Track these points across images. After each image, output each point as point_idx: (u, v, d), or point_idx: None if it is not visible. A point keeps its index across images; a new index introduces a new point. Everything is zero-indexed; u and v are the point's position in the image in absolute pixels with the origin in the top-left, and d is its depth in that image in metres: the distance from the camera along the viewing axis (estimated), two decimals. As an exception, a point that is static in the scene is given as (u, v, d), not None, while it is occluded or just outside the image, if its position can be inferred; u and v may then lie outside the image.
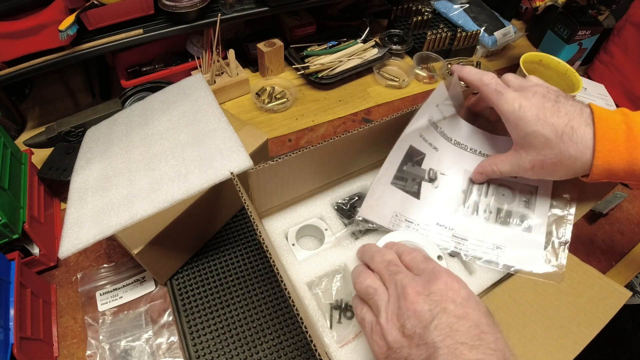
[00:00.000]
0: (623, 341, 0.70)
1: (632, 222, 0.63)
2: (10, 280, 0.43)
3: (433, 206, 0.49)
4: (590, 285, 0.45)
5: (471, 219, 0.49)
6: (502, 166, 0.46)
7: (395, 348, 0.31)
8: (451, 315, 0.30)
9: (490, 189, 0.50)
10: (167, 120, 0.53)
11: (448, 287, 0.31)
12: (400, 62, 0.85)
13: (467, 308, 0.30)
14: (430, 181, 0.50)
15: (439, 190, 0.50)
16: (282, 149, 0.70)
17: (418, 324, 0.30)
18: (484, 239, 0.48)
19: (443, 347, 0.28)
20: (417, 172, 0.50)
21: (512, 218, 0.49)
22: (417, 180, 0.49)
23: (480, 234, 0.48)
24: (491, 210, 0.50)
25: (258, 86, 0.78)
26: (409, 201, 0.49)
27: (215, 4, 0.70)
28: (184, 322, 0.49)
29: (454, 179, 0.51)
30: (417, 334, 0.30)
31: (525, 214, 0.49)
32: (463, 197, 0.50)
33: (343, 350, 0.43)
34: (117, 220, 0.42)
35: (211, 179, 0.43)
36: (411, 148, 0.48)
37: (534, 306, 0.44)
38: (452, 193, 0.50)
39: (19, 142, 0.67)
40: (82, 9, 0.58)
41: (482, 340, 0.29)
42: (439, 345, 0.29)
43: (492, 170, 0.47)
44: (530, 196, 0.50)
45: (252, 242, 0.56)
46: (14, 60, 0.59)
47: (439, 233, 0.48)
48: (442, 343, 0.29)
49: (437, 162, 0.50)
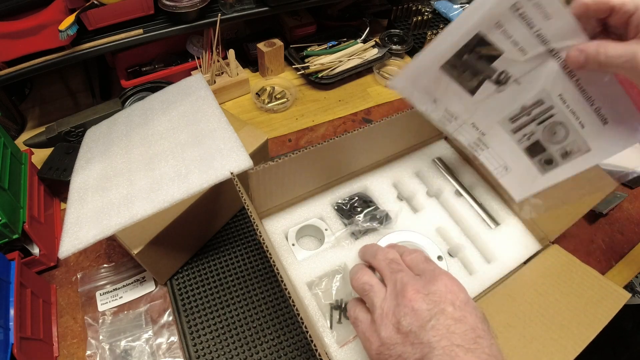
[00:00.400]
0: (623, 341, 0.70)
1: (632, 222, 0.63)
2: (10, 280, 0.43)
3: (480, 108, 0.43)
4: (590, 286, 0.45)
5: (506, 134, 0.44)
6: (612, 50, 0.34)
7: (388, 344, 0.31)
8: (449, 317, 0.30)
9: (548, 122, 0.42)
10: (167, 120, 0.53)
11: (448, 290, 0.31)
12: (400, 62, 0.85)
13: (465, 312, 0.30)
14: (497, 84, 0.42)
15: (498, 96, 0.42)
16: (282, 149, 0.70)
17: (415, 322, 0.30)
18: (503, 155, 0.45)
19: (439, 347, 0.28)
20: (483, 68, 0.41)
21: (540, 155, 0.44)
22: (479, 76, 0.41)
23: (503, 149, 0.45)
24: (529, 138, 0.43)
25: (258, 86, 0.78)
26: (458, 93, 0.42)
27: (215, 4, 0.70)
28: (184, 322, 0.49)
29: (523, 92, 0.41)
30: (412, 332, 0.30)
31: (556, 160, 0.43)
32: (516, 112, 0.43)
33: (343, 350, 0.43)
34: (117, 220, 0.42)
35: (211, 179, 0.43)
36: (479, 38, 0.38)
37: (534, 306, 0.44)
38: (510, 104, 0.43)
39: (19, 142, 0.67)
40: (82, 9, 0.58)
41: (477, 344, 0.29)
42: (434, 345, 0.29)
43: (597, 52, 0.35)
44: (576, 154, 0.42)
45: (252, 242, 0.56)
46: (14, 60, 0.59)
47: (468, 131, 0.44)
48: (438, 344, 0.29)
49: (517, 68, 0.40)
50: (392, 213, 0.53)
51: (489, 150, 0.45)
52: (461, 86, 0.42)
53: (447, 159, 0.62)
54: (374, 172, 0.58)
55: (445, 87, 0.42)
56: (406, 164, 0.60)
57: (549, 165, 0.44)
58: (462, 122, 0.43)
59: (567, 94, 0.39)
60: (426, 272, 0.34)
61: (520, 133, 0.43)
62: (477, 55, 0.39)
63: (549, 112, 0.41)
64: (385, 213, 0.53)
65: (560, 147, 0.42)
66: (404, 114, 0.48)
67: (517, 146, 0.44)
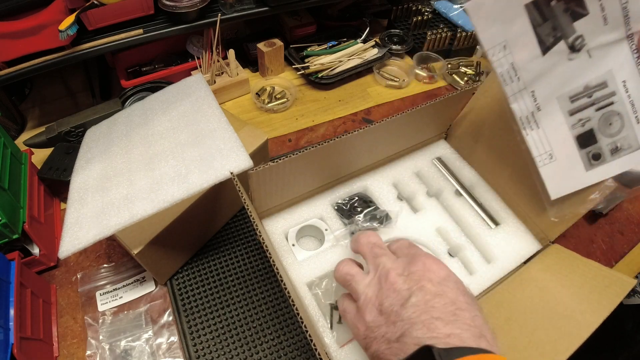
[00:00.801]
0: (623, 341, 0.70)
1: (632, 222, 0.63)
2: (10, 280, 0.43)
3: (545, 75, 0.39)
4: (593, 276, 0.44)
5: (562, 115, 0.41)
6: None
7: (372, 327, 0.32)
8: (428, 292, 0.31)
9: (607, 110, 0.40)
10: (167, 120, 0.53)
11: (426, 268, 0.32)
12: (400, 62, 0.85)
13: (444, 287, 0.31)
14: (570, 49, 0.38)
15: (567, 65, 0.39)
16: (282, 149, 0.70)
17: (396, 302, 0.31)
18: (552, 140, 0.42)
19: (418, 322, 0.29)
20: (565, 23, 0.37)
21: (590, 147, 0.41)
22: (557, 32, 0.37)
23: (553, 133, 0.41)
24: (584, 124, 0.41)
25: (258, 86, 0.78)
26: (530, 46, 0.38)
27: (215, 4, 0.70)
28: (184, 322, 0.49)
29: (592, 67, 0.39)
30: (394, 312, 0.31)
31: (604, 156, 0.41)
32: (578, 91, 0.40)
33: (343, 350, 0.43)
34: (117, 220, 0.42)
35: (211, 179, 0.43)
36: None
37: (535, 300, 0.44)
38: (575, 78, 0.39)
39: (19, 142, 0.67)
40: (82, 9, 0.58)
41: (457, 316, 0.29)
42: (415, 320, 0.29)
43: None
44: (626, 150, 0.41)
45: (252, 242, 0.56)
46: (14, 60, 0.59)
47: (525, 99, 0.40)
48: (418, 318, 0.29)
49: (594, 37, 0.37)
50: (392, 213, 0.53)
51: (539, 131, 0.42)
52: (537, 38, 0.38)
53: (447, 159, 0.62)
54: (374, 172, 0.58)
55: (521, 32, 0.38)
56: (406, 164, 0.60)
57: (596, 161, 0.42)
58: (523, 85, 0.40)
59: (630, 82, 0.38)
60: (408, 255, 0.35)
61: (576, 117, 0.41)
62: (565, 5, 0.37)
63: (610, 98, 0.39)
64: (386, 213, 0.53)
65: (612, 140, 0.41)
66: (404, 114, 0.48)
67: (570, 132, 0.41)
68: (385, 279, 0.33)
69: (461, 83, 0.82)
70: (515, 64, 0.39)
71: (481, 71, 0.84)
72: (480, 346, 0.28)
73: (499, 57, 0.38)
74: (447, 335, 0.28)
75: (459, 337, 0.28)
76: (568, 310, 0.42)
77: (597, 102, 0.40)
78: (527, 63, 0.39)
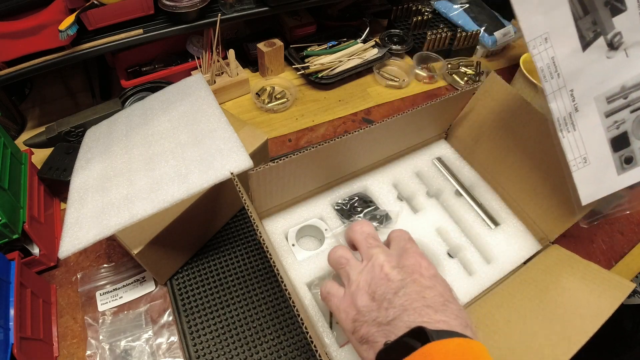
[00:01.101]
0: (623, 341, 0.70)
1: (632, 222, 0.63)
2: (10, 280, 0.43)
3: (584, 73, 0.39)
4: (592, 279, 0.44)
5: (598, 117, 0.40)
6: None
7: (364, 312, 0.33)
8: (420, 285, 0.33)
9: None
10: (167, 120, 0.53)
11: (418, 264, 0.34)
12: (400, 62, 0.85)
13: (435, 282, 0.33)
14: (609, 46, 0.38)
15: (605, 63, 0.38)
16: (282, 149, 0.70)
17: (389, 291, 0.32)
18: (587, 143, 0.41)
19: (410, 309, 0.31)
20: (604, 18, 0.37)
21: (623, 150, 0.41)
22: (596, 27, 0.37)
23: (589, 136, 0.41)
24: (619, 127, 0.41)
25: (258, 86, 0.78)
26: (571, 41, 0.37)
27: (215, 4, 0.70)
28: (184, 322, 0.49)
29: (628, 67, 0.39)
30: (387, 299, 0.32)
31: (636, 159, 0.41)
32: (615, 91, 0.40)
33: (343, 350, 0.43)
34: (117, 220, 0.42)
35: (211, 179, 0.43)
36: None
37: (534, 302, 0.44)
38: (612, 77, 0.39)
39: (19, 142, 0.67)
40: (82, 9, 0.58)
41: (447, 307, 0.31)
42: (407, 307, 0.31)
43: None
44: None
45: (252, 242, 0.56)
46: (14, 60, 0.59)
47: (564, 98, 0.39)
48: (410, 306, 0.31)
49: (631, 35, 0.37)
50: (392, 213, 0.53)
51: (575, 133, 0.41)
52: (578, 32, 0.37)
53: (447, 159, 0.62)
54: (374, 172, 0.58)
55: (562, 24, 0.37)
56: (406, 164, 0.60)
57: (628, 164, 0.41)
58: (562, 83, 0.39)
59: None
60: (403, 249, 0.36)
61: (612, 119, 0.40)
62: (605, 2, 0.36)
63: None
64: (386, 213, 0.53)
65: None
66: (404, 114, 0.48)
67: (605, 134, 0.41)
68: (380, 270, 0.34)
69: (461, 83, 0.82)
70: (556, 59, 0.38)
71: (481, 71, 0.84)
72: (466, 333, 0.30)
73: (539, 50, 0.37)
74: (437, 321, 0.30)
75: (447, 323, 0.30)
76: (567, 314, 0.42)
77: (633, 104, 0.40)
78: (568, 58, 0.38)
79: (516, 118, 0.52)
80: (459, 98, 0.54)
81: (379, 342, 0.31)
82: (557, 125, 0.41)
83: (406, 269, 0.34)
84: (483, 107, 0.56)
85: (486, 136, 0.57)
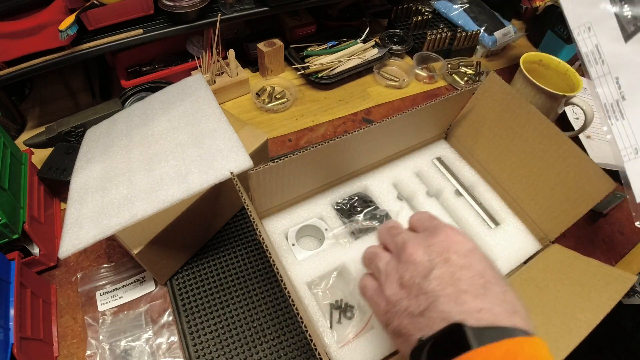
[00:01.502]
0: (623, 341, 0.70)
1: (632, 222, 0.63)
2: (10, 280, 0.43)
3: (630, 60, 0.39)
4: (593, 274, 0.43)
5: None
6: None
7: (394, 301, 0.30)
8: (452, 264, 0.28)
9: None
10: (167, 120, 0.53)
11: (450, 240, 0.30)
12: (400, 62, 0.85)
13: (471, 259, 0.29)
14: None
15: None
16: (282, 149, 0.70)
17: (417, 274, 0.29)
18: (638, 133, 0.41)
19: (443, 295, 0.27)
20: None
21: None
22: (638, 22, 0.38)
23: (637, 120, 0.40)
24: None
25: (258, 86, 0.78)
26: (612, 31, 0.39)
27: (215, 4, 0.70)
28: (184, 322, 0.49)
29: None
30: (416, 284, 0.29)
31: None
32: None
33: (343, 350, 0.43)
34: (117, 220, 0.42)
35: (211, 179, 0.43)
36: None
37: (535, 300, 0.43)
38: None
39: (19, 142, 0.67)
40: (82, 9, 0.58)
41: (487, 290, 0.27)
42: (439, 293, 0.27)
43: None
44: None
45: (252, 242, 0.56)
46: (14, 60, 0.59)
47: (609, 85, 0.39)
48: (443, 292, 0.27)
49: None
50: (392, 213, 0.53)
51: (624, 122, 0.41)
52: (619, 24, 0.38)
53: (447, 159, 0.62)
54: (374, 172, 0.58)
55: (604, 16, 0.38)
56: (406, 164, 0.60)
57: None
58: (607, 69, 0.39)
59: None
60: (429, 228, 0.33)
61: None
62: None
63: None
64: (386, 213, 0.53)
65: None
66: (404, 114, 0.48)
67: None
68: (403, 251, 0.31)
69: (461, 83, 0.82)
70: (600, 46, 0.39)
71: (481, 71, 0.84)
72: (515, 324, 0.25)
73: (583, 37, 0.38)
74: (477, 310, 0.26)
75: (490, 312, 0.25)
76: (568, 308, 0.41)
77: None
78: (611, 47, 0.38)
79: (516, 118, 0.52)
80: (458, 98, 0.54)
81: (413, 335, 0.28)
82: (604, 112, 0.41)
83: (434, 247, 0.30)
84: (483, 107, 0.56)
85: (486, 136, 0.57)
